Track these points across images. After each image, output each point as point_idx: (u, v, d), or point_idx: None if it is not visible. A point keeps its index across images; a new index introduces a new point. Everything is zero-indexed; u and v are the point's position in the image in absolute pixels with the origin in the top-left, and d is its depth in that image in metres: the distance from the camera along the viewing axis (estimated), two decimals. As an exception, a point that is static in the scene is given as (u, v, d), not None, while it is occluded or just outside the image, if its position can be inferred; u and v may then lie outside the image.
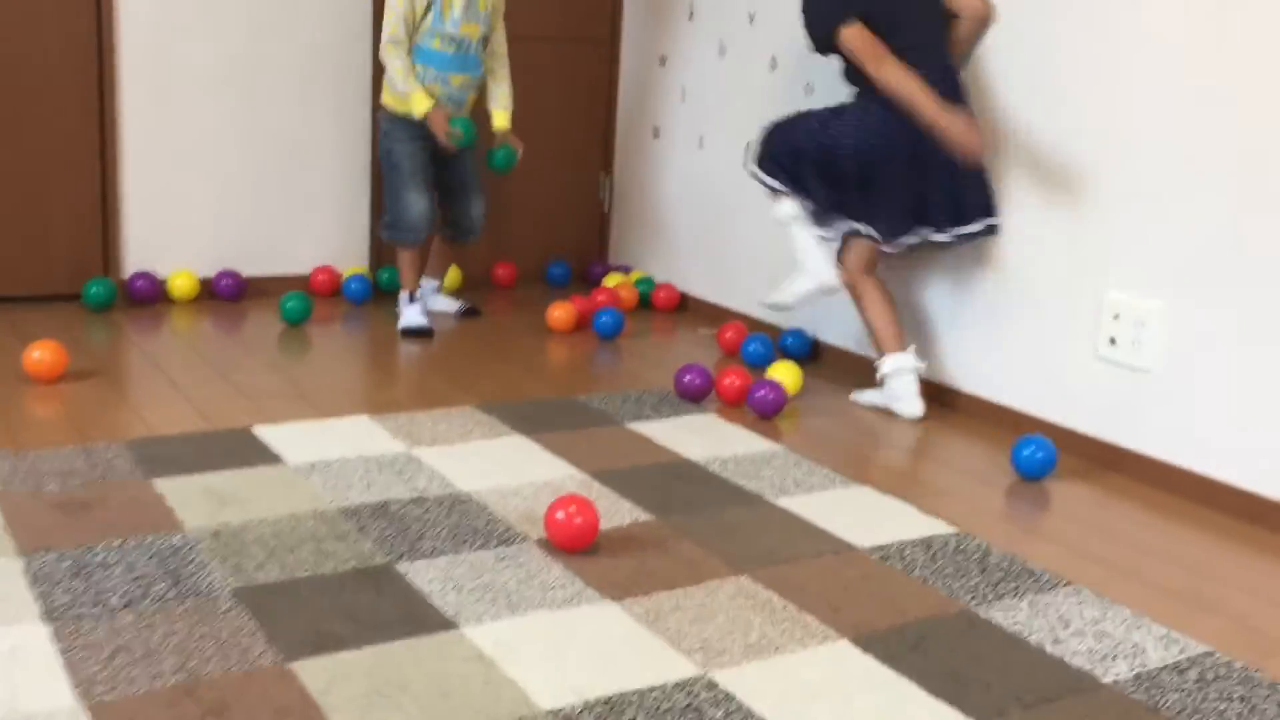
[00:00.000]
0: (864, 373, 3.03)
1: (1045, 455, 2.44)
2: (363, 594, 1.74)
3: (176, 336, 3.15)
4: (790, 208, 2.83)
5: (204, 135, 3.48)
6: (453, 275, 3.74)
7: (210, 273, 3.56)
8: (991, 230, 2.72)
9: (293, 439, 2.37)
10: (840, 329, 3.22)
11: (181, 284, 3.47)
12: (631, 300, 3.75)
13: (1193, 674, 1.66)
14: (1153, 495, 2.41)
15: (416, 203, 3.28)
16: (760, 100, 3.42)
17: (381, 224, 3.38)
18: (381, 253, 3.75)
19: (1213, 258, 2.32)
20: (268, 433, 2.40)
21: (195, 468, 2.18)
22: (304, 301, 3.29)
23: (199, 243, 3.54)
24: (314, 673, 1.52)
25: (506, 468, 2.30)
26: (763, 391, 2.72)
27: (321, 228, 3.70)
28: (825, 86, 3.13)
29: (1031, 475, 2.44)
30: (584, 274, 4.11)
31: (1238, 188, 2.27)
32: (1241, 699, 1.60)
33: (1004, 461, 2.53)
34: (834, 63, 2.85)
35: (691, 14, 3.71)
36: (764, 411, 2.72)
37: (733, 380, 2.81)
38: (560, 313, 3.45)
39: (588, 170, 4.10)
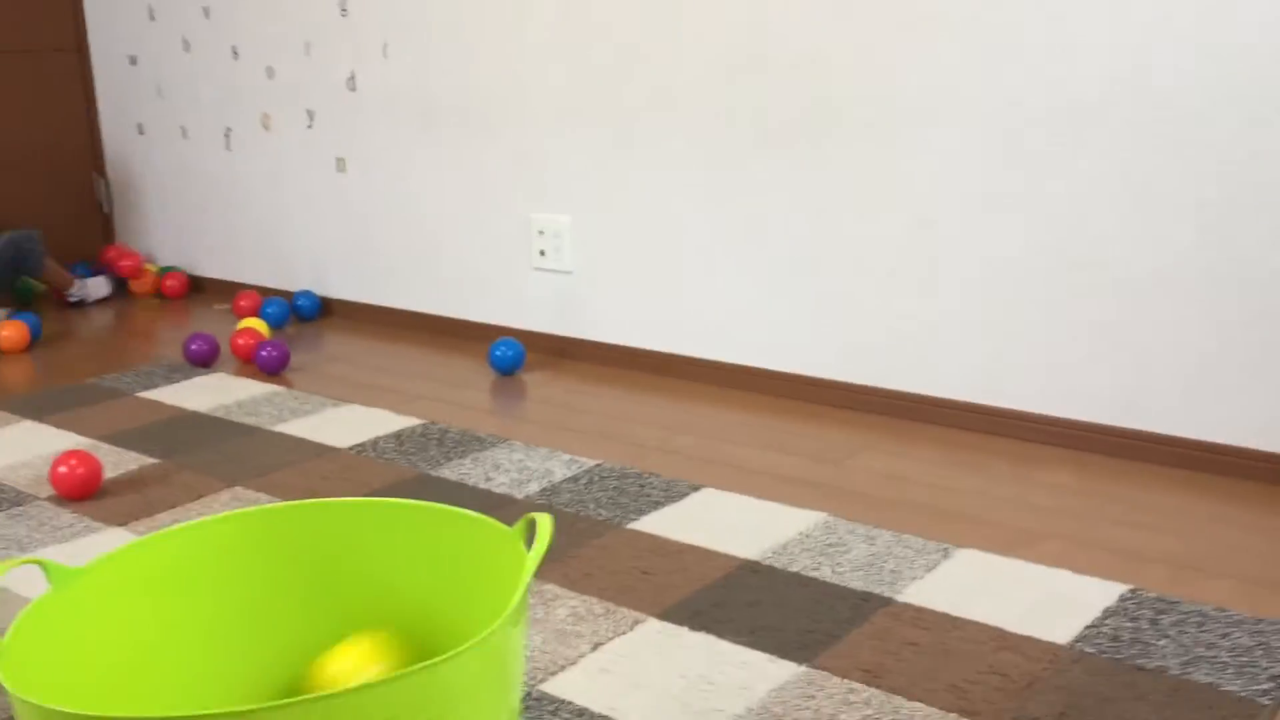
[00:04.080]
0: (370, 320, 3.44)
1: (514, 352, 2.97)
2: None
3: None
4: None
5: None
6: None
7: None
8: None
9: None
10: (341, 286, 3.61)
11: None
12: (180, 288, 3.96)
13: (584, 480, 2.22)
14: (596, 370, 3.00)
15: None
16: (226, 89, 3.71)
17: None
18: None
19: (600, 180, 2.93)
20: None
21: None
22: None
23: None
24: None
25: (15, 448, 2.50)
26: (267, 350, 3.05)
27: None
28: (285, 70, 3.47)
29: (505, 370, 2.96)
30: (97, 271, 4.22)
31: (613, 120, 2.88)
32: (616, 489, 2.17)
33: (481, 365, 3.04)
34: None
35: (152, 14, 3.91)
36: (269, 368, 3.05)
37: (246, 340, 3.13)
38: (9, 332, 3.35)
39: (80, 173, 4.20)
